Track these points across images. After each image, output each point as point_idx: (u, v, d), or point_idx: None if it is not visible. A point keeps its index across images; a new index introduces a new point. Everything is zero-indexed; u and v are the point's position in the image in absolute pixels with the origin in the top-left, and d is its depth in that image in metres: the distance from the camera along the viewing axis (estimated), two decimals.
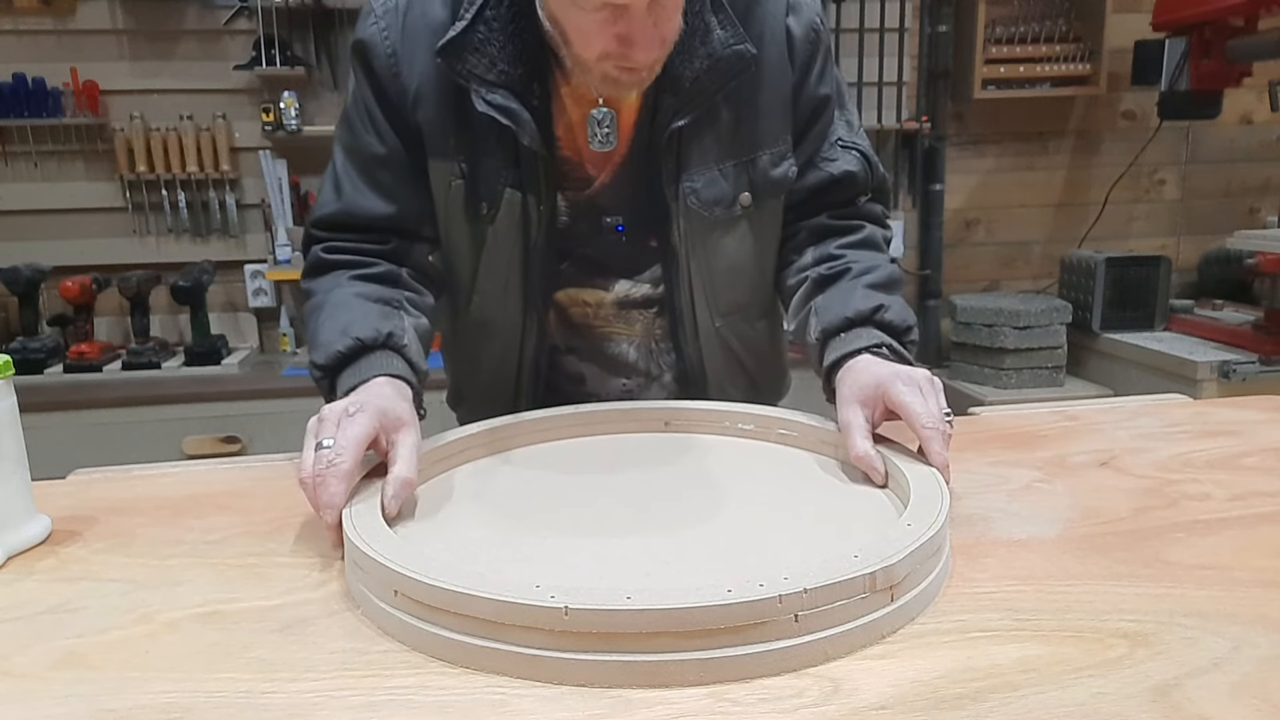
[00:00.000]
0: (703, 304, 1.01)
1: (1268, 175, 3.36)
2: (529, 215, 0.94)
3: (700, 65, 0.89)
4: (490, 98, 0.87)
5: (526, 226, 0.95)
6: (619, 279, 1.02)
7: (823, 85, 0.99)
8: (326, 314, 0.90)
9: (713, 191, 0.95)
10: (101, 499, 0.87)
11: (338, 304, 0.91)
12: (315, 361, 0.88)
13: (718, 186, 0.95)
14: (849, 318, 0.90)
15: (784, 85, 0.96)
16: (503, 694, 0.53)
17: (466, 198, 0.94)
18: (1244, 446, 0.94)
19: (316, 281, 0.96)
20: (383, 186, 0.95)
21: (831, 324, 0.91)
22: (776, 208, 1.01)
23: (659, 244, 0.99)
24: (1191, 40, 2.73)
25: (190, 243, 2.84)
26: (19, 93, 2.64)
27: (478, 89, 0.87)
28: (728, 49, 0.89)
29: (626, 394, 1.06)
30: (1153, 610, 0.60)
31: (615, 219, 0.98)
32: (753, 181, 0.96)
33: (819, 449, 0.89)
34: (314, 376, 0.89)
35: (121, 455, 1.20)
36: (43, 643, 0.60)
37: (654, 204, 0.95)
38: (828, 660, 0.55)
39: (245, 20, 2.74)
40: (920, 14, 3.06)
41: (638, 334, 1.04)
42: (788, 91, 0.96)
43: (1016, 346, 2.85)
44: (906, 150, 3.13)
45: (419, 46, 0.91)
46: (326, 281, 0.95)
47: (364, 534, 0.64)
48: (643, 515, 0.76)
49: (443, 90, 0.91)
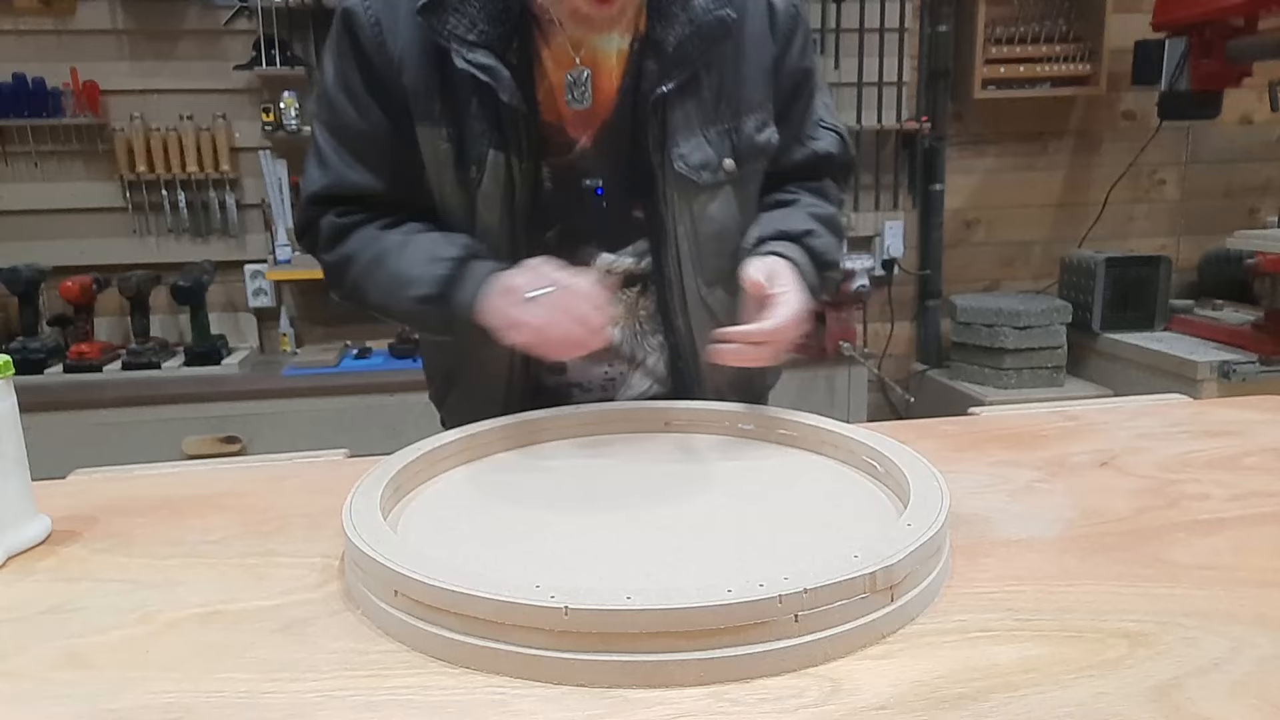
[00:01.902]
0: (690, 273, 1.01)
1: (1268, 175, 3.36)
2: (513, 178, 0.94)
3: (682, 30, 0.91)
4: (470, 57, 0.89)
5: (511, 190, 0.95)
6: (600, 253, 1.01)
7: (804, 59, 1.02)
8: (394, 258, 0.94)
9: (699, 156, 0.96)
10: (101, 499, 0.87)
11: (399, 246, 0.95)
12: (420, 295, 0.91)
13: (703, 151, 0.97)
14: (783, 230, 0.99)
15: (765, 55, 0.98)
16: (503, 694, 0.53)
17: (455, 161, 0.95)
18: (1244, 446, 0.94)
19: (345, 246, 0.98)
20: (368, 161, 0.97)
21: (766, 233, 1.00)
22: (758, 175, 1.03)
23: (645, 214, 0.99)
24: (1191, 40, 2.72)
25: (190, 243, 2.83)
26: (19, 93, 2.64)
27: (458, 49, 0.89)
28: (709, 14, 0.92)
29: (609, 381, 1.06)
30: (1153, 610, 0.60)
31: (595, 181, 0.98)
32: (736, 147, 0.98)
33: (819, 449, 0.89)
34: (417, 312, 0.93)
35: (121, 455, 1.19)
36: (43, 643, 0.60)
37: (638, 172, 0.97)
38: (828, 660, 0.55)
39: (245, 20, 2.74)
40: (920, 14, 3.06)
41: (621, 316, 1.04)
42: (769, 62, 0.99)
43: (1016, 346, 2.85)
44: (906, 150, 3.13)
45: (401, 12, 0.92)
46: (359, 239, 0.97)
47: (364, 534, 0.64)
48: (643, 516, 0.76)
49: (426, 54, 0.92)
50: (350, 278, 0.98)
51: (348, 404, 2.49)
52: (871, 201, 3.14)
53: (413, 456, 0.82)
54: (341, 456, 1.01)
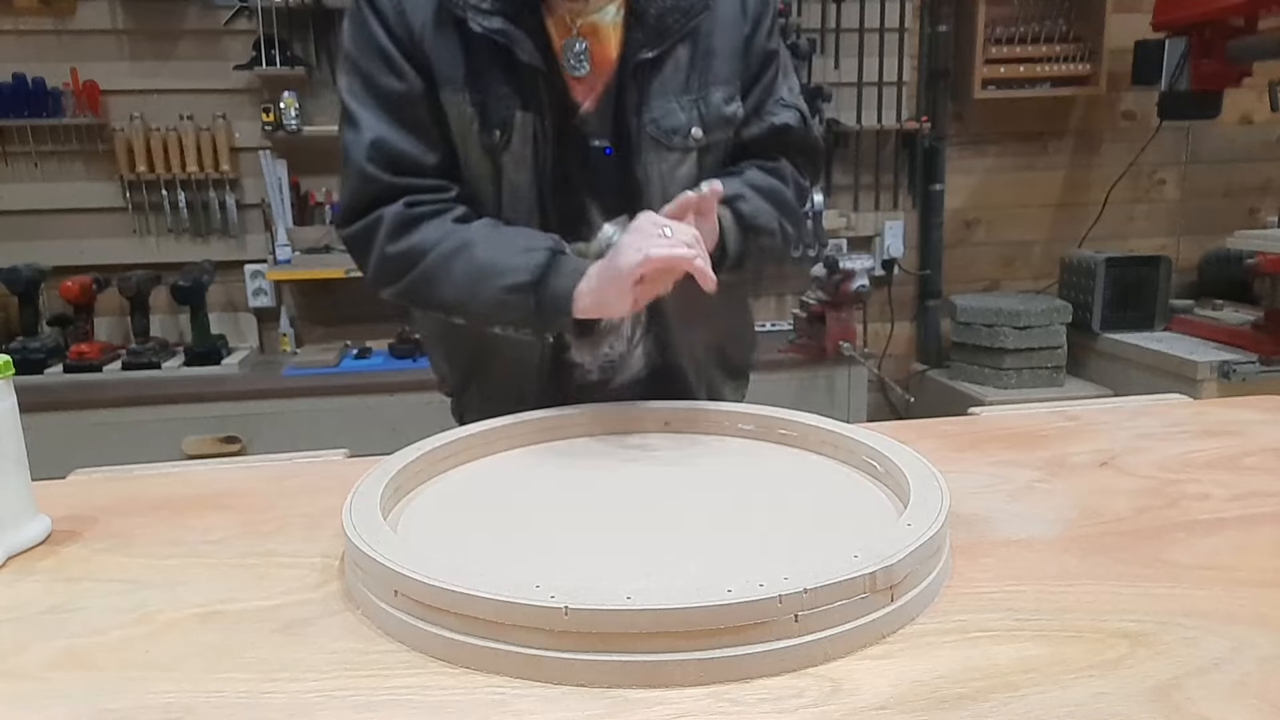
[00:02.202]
0: None
1: (1268, 175, 3.36)
2: (538, 137, 0.99)
3: (665, 3, 1.00)
4: (486, 23, 0.95)
5: (537, 148, 0.99)
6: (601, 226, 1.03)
7: (770, 41, 1.09)
8: (482, 250, 0.95)
9: (670, 121, 1.02)
10: (101, 499, 0.87)
11: (486, 236, 0.97)
12: (513, 282, 0.92)
13: (674, 117, 1.02)
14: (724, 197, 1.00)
15: (737, 35, 1.05)
16: (503, 694, 0.53)
17: (480, 126, 0.98)
18: (1244, 446, 0.94)
19: (415, 236, 0.97)
20: (409, 123, 0.98)
21: None
22: (722, 146, 1.08)
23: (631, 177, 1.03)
24: (1191, 40, 2.72)
25: (190, 243, 2.83)
26: (19, 93, 2.64)
27: (474, 16, 0.94)
28: None
29: (610, 364, 1.09)
30: (1153, 610, 0.60)
31: (604, 142, 1.03)
32: (704, 117, 1.04)
33: (819, 449, 0.89)
34: (505, 301, 0.93)
35: (121, 455, 1.19)
36: (43, 643, 0.60)
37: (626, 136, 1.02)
38: (828, 660, 0.55)
39: (245, 20, 2.74)
40: (920, 14, 3.06)
41: None
42: (740, 42, 1.06)
43: (1016, 346, 2.85)
44: (906, 150, 3.13)
45: None
46: (434, 229, 0.97)
47: (364, 534, 0.64)
48: (643, 515, 0.76)
49: (444, 23, 0.97)
50: (419, 270, 0.97)
51: (348, 404, 2.49)
52: (871, 201, 3.14)
53: (413, 456, 0.82)
54: (341, 456, 1.01)
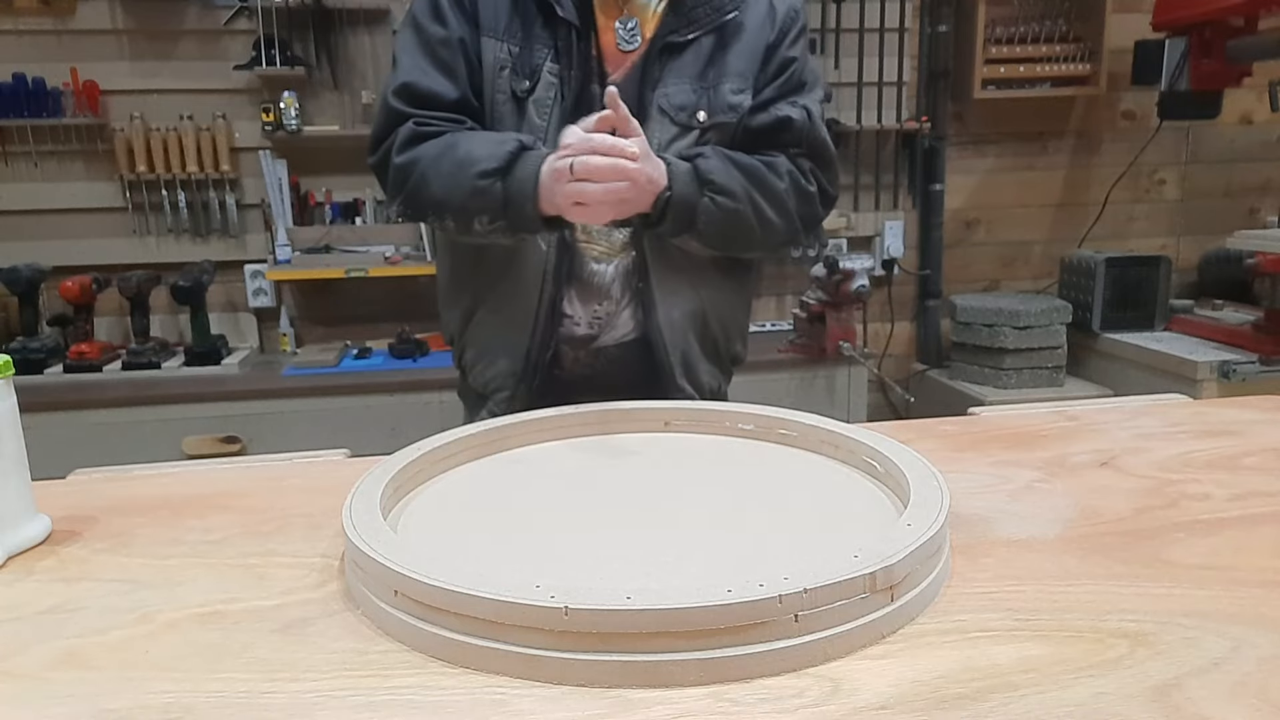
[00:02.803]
0: None
1: (1268, 175, 3.36)
2: (563, 87, 1.08)
3: None
4: None
5: (561, 97, 1.08)
6: None
7: (793, 50, 1.15)
8: (464, 146, 1.04)
9: (680, 99, 1.10)
10: (101, 499, 0.87)
11: (469, 137, 1.06)
12: (484, 169, 1.01)
13: (684, 96, 1.10)
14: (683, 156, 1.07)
15: (761, 39, 1.12)
16: (503, 694, 0.53)
17: (512, 73, 1.09)
18: (1244, 446, 0.94)
19: (418, 149, 1.07)
20: (442, 64, 1.10)
21: None
22: (726, 135, 1.12)
23: None
24: (1191, 40, 2.72)
25: (190, 243, 2.84)
26: (19, 93, 2.64)
27: None
28: None
29: (597, 320, 1.16)
30: (1153, 610, 0.60)
31: None
32: (711, 102, 1.11)
33: (819, 449, 0.89)
34: (478, 187, 1.01)
35: (121, 455, 1.19)
36: (43, 643, 0.60)
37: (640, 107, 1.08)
38: (828, 660, 0.55)
39: (245, 20, 2.74)
40: (920, 14, 3.06)
41: (617, 251, 1.13)
42: (761, 47, 1.12)
43: (1016, 346, 2.85)
44: (906, 150, 3.13)
45: None
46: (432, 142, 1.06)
47: (364, 534, 0.64)
48: (643, 515, 0.76)
49: None
50: (417, 173, 1.06)
51: (348, 404, 2.49)
52: (871, 201, 3.15)
53: (413, 456, 0.82)
54: (341, 456, 1.01)
